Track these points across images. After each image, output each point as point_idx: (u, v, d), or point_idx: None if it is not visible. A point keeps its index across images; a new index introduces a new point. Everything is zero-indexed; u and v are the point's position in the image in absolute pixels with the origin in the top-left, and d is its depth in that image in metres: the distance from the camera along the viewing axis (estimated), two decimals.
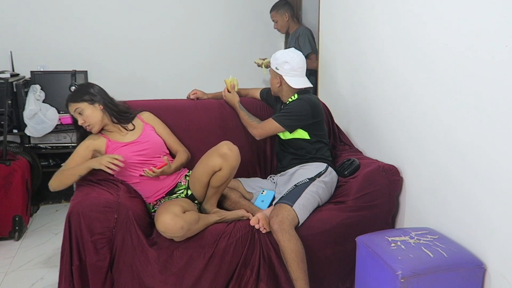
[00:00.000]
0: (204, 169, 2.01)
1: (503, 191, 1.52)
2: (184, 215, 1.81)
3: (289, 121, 2.17)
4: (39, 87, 3.13)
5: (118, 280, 1.82)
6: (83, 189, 1.91)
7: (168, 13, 3.71)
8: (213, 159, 1.97)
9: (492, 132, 1.55)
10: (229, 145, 1.98)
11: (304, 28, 3.45)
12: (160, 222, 1.77)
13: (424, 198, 1.97)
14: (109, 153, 2.02)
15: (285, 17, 3.50)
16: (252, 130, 2.24)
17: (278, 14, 3.51)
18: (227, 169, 1.96)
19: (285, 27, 3.55)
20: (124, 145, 2.06)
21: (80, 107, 2.01)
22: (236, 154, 1.98)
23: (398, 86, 2.12)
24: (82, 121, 2.02)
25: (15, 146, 3.06)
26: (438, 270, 1.57)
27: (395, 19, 2.11)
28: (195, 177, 2.07)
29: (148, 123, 2.19)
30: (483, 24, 1.56)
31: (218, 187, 2.03)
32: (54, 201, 3.39)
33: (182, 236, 1.80)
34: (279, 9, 3.50)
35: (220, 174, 1.97)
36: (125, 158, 1.98)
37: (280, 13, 3.50)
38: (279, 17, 3.51)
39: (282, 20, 3.51)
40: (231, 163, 1.96)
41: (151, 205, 2.07)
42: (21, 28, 3.35)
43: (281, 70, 2.17)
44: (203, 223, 1.89)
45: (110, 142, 2.06)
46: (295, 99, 2.21)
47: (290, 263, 1.82)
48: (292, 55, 2.17)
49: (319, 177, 2.11)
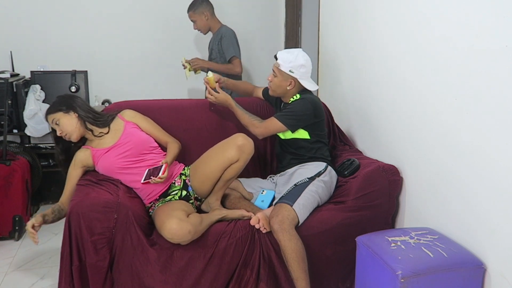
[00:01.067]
0: (218, 162, 2.00)
1: (503, 191, 1.52)
2: (189, 219, 1.81)
3: (292, 120, 2.17)
4: (39, 87, 3.13)
5: (118, 280, 1.82)
6: (83, 189, 1.91)
7: (168, 13, 3.71)
8: (230, 151, 1.97)
9: (492, 132, 1.55)
10: (244, 136, 2.00)
11: (227, 29, 3.19)
12: (166, 229, 1.76)
13: (424, 198, 1.97)
14: (96, 162, 2.05)
15: (204, 16, 3.19)
16: (254, 129, 2.21)
17: (196, 14, 3.19)
18: (243, 160, 1.98)
19: (205, 27, 3.24)
20: (106, 150, 2.05)
21: (56, 117, 2.05)
22: (252, 145, 2.00)
23: (398, 86, 2.12)
24: (59, 131, 2.06)
25: (15, 146, 3.06)
26: (438, 270, 1.57)
27: (396, 19, 2.11)
28: (205, 174, 2.05)
29: (129, 121, 2.16)
30: (483, 24, 1.56)
31: (229, 180, 2.05)
32: (54, 201, 3.32)
33: (190, 240, 1.79)
34: (196, 8, 3.19)
35: (236, 166, 1.99)
36: (110, 164, 2.02)
37: (198, 12, 3.18)
38: (197, 17, 3.20)
39: (201, 20, 3.20)
40: (248, 154, 1.99)
41: (147, 207, 2.07)
42: (21, 28, 3.35)
43: (296, 73, 2.14)
44: (206, 224, 1.89)
45: (94, 151, 2.06)
46: (297, 99, 2.20)
47: (290, 262, 1.82)
48: (306, 58, 2.16)
49: (318, 177, 2.11)
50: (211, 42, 3.29)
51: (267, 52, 3.75)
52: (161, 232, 1.80)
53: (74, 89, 3.32)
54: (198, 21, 3.21)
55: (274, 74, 2.21)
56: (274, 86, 2.24)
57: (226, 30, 3.18)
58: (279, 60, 2.17)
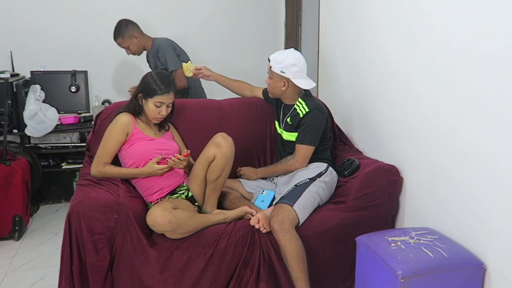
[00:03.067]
0: (199, 161, 2.04)
1: (503, 191, 1.52)
2: (173, 211, 1.84)
3: (314, 137, 2.17)
4: (39, 87, 3.13)
5: (118, 280, 1.82)
6: (83, 189, 1.91)
7: (168, 13, 3.71)
8: (208, 150, 2.01)
9: (492, 132, 1.55)
10: (222, 134, 2.03)
11: (159, 41, 2.99)
12: (149, 215, 1.82)
13: (424, 198, 1.97)
14: (133, 138, 2.03)
15: (135, 38, 2.99)
16: (295, 167, 2.19)
17: (126, 39, 2.98)
18: (221, 158, 1.98)
19: (140, 48, 3.04)
20: (149, 139, 2.07)
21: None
22: (229, 143, 2.00)
23: (399, 86, 2.12)
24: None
25: (15, 146, 3.06)
26: (438, 270, 1.57)
27: (396, 19, 2.11)
28: (192, 173, 2.09)
29: (169, 131, 2.23)
30: (483, 24, 1.56)
31: (215, 181, 2.03)
32: (54, 201, 3.39)
33: (172, 232, 1.81)
34: (123, 33, 2.96)
35: (215, 164, 1.99)
36: (147, 151, 2.02)
37: (127, 36, 2.97)
38: (128, 42, 2.98)
39: (133, 44, 2.99)
40: (225, 151, 1.98)
41: (152, 203, 2.07)
42: (21, 28, 3.35)
43: (288, 73, 2.15)
44: (199, 221, 1.89)
45: (136, 129, 2.06)
46: (309, 112, 2.17)
47: (290, 262, 1.82)
48: (297, 57, 2.16)
49: (319, 177, 2.11)
50: (151, 60, 3.11)
51: (267, 52, 3.73)
52: (146, 219, 1.84)
53: (74, 89, 3.32)
54: (131, 46, 3.01)
55: (269, 76, 2.23)
56: (270, 88, 2.27)
57: (159, 42, 3.00)
58: (271, 61, 2.20)
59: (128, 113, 2.07)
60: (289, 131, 2.25)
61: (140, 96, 2.05)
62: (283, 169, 2.23)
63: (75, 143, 3.24)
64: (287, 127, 2.26)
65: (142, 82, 2.08)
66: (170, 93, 2.03)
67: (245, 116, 2.47)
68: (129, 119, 2.05)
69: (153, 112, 2.04)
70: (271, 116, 2.47)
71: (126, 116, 2.05)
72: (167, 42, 3.01)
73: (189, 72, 2.53)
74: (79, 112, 3.35)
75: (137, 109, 2.08)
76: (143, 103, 2.06)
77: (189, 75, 2.54)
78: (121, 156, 2.07)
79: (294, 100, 2.25)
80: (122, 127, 2.02)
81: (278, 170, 2.26)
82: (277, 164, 2.29)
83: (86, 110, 3.40)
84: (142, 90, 2.05)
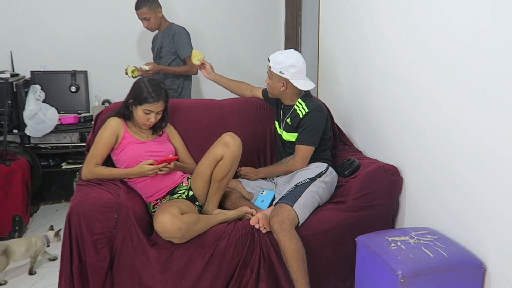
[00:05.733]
0: (206, 160, 2.03)
1: (503, 191, 1.52)
2: (182, 217, 1.81)
3: (314, 137, 2.17)
4: (39, 87, 3.13)
5: (118, 280, 1.82)
6: (83, 189, 1.91)
7: (168, 14, 3.70)
8: (216, 148, 2.00)
9: (492, 132, 1.55)
10: (231, 134, 2.02)
11: (179, 27, 3.05)
12: (158, 222, 1.78)
13: (424, 198, 1.97)
14: (124, 143, 2.04)
15: (158, 13, 3.02)
16: (295, 168, 2.19)
17: (151, 11, 2.98)
18: (229, 157, 1.97)
19: (157, 24, 3.06)
20: (140, 142, 2.07)
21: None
22: (238, 142, 2.00)
23: (399, 86, 2.12)
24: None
25: (15, 146, 3.06)
26: (438, 270, 1.57)
27: (396, 18, 2.11)
28: (197, 172, 2.08)
29: (164, 131, 2.22)
30: (483, 24, 1.56)
31: (221, 181, 2.03)
32: (54, 201, 3.39)
33: (181, 238, 1.80)
34: (151, 4, 2.97)
35: (222, 164, 1.99)
36: (137, 155, 2.02)
37: (153, 8, 2.98)
38: (152, 14, 2.98)
39: (156, 17, 3.01)
40: (233, 151, 1.98)
41: (152, 204, 2.07)
42: (21, 28, 3.35)
43: (287, 74, 2.15)
44: (203, 224, 1.89)
45: (127, 133, 2.07)
46: (309, 112, 2.17)
47: (290, 262, 1.83)
48: (296, 58, 2.16)
49: (319, 177, 2.11)
50: (158, 41, 3.13)
51: (267, 52, 3.73)
52: (154, 226, 1.82)
53: (74, 89, 3.32)
54: (153, 18, 3.01)
55: (269, 76, 2.24)
56: (269, 88, 2.28)
57: (179, 28, 3.06)
58: (270, 62, 2.20)
59: (118, 117, 2.09)
60: (289, 131, 2.25)
61: (131, 102, 2.06)
62: (283, 169, 2.23)
63: (75, 143, 3.24)
64: (287, 127, 2.26)
65: (133, 88, 2.09)
66: (160, 102, 2.03)
67: (245, 116, 2.47)
68: (119, 122, 2.07)
69: (142, 119, 2.05)
70: (271, 116, 2.47)
71: (116, 120, 2.07)
72: (186, 31, 3.07)
73: (196, 60, 2.58)
74: (79, 112, 3.35)
75: (126, 114, 2.09)
76: (132, 109, 2.07)
77: (196, 63, 2.59)
78: (115, 161, 2.09)
79: (294, 100, 2.25)
80: (112, 129, 2.04)
81: (278, 170, 2.26)
82: (277, 164, 2.29)
83: (86, 110, 3.40)
84: (133, 97, 2.05)
